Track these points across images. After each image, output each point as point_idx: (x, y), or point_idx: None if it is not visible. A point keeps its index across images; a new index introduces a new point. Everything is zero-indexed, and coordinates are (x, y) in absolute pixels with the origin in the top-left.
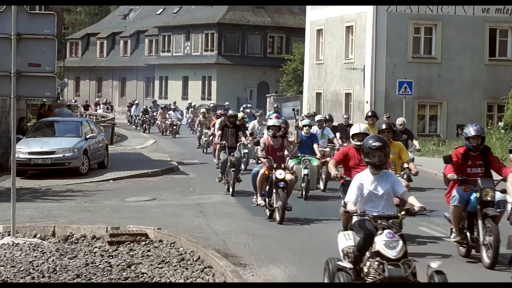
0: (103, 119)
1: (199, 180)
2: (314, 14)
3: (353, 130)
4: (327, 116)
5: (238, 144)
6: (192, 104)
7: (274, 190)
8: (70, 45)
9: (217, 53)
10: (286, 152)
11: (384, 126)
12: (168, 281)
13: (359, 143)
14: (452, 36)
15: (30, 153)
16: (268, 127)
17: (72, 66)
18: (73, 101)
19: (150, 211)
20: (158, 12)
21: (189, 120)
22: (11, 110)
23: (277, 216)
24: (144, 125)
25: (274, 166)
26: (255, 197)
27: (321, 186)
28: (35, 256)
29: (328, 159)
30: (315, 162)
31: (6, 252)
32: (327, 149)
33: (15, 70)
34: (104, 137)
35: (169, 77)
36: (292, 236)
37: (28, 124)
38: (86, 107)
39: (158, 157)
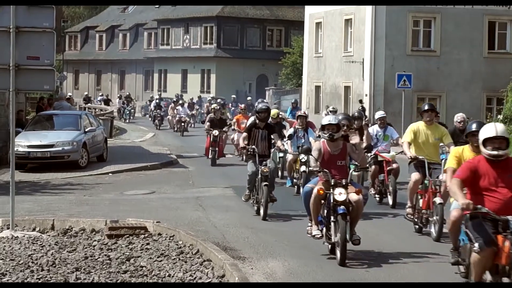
0: (101, 112)
1: (198, 174)
2: (313, 7)
3: (485, 134)
4: (382, 113)
5: (271, 150)
6: (208, 99)
7: (332, 217)
8: (69, 38)
9: (216, 46)
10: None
11: (426, 107)
12: (167, 274)
13: (494, 152)
14: (451, 29)
15: (29, 146)
16: (323, 127)
17: (71, 59)
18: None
19: (149, 205)
20: (157, 5)
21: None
22: (10, 104)
23: (338, 253)
24: (156, 120)
25: (332, 183)
26: (309, 224)
27: (389, 201)
28: (34, 249)
29: (394, 165)
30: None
31: (5, 246)
32: (392, 153)
33: (14, 63)
34: (103, 130)
35: (168, 70)
36: (291, 229)
37: (27, 117)
38: (107, 101)
39: (157, 150)
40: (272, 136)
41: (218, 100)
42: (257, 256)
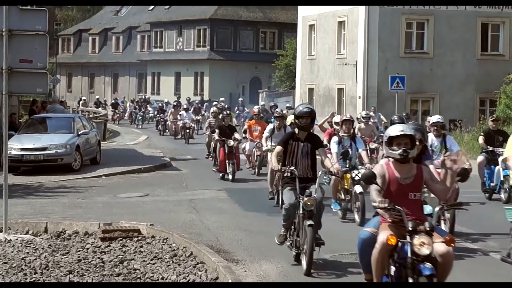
0: (95, 115)
1: (192, 176)
2: (306, 10)
3: None
4: (438, 118)
5: (318, 173)
6: (214, 103)
7: (410, 279)
8: (62, 41)
9: (209, 48)
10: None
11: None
12: (160, 277)
13: None
14: (444, 31)
15: (22, 149)
16: (390, 141)
17: (64, 62)
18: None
19: (142, 207)
20: (150, 8)
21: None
22: (3, 107)
23: None
24: (159, 125)
25: (410, 227)
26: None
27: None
28: (28, 253)
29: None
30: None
31: None
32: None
33: (7, 66)
34: (96, 133)
35: (161, 73)
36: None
37: (20, 120)
38: (115, 105)
39: (150, 153)
40: (317, 152)
41: (223, 104)
42: (250, 259)
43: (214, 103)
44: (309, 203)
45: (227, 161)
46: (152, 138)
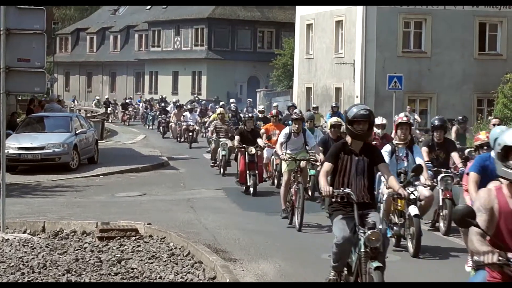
0: (93, 114)
1: (190, 175)
2: (303, 9)
3: None
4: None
5: (378, 194)
6: (220, 103)
7: None
8: (59, 40)
9: (207, 48)
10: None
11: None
12: (158, 276)
13: None
14: (442, 30)
15: (20, 148)
16: (507, 151)
17: (62, 61)
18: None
19: (140, 207)
20: (148, 7)
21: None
22: (0, 106)
23: None
24: (161, 127)
25: None
26: None
27: None
28: (25, 252)
29: None
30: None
31: None
32: None
33: (5, 65)
34: (94, 132)
35: (159, 72)
36: (281, 231)
37: (18, 119)
38: (125, 105)
39: (148, 152)
40: (380, 170)
41: (232, 105)
42: (248, 258)
43: (221, 103)
44: (373, 238)
45: (247, 172)
46: (151, 138)
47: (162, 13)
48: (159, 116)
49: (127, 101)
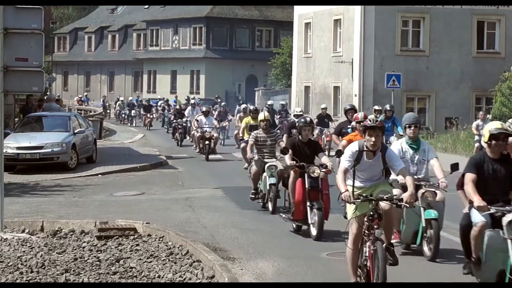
0: (91, 113)
1: (188, 174)
2: (302, 8)
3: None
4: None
5: None
6: (242, 105)
7: None
8: (58, 39)
9: (205, 47)
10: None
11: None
12: (156, 275)
13: None
14: (440, 29)
15: (18, 148)
16: None
17: (60, 60)
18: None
19: (138, 206)
20: (146, 6)
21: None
22: None
23: None
24: (177, 133)
25: None
26: None
27: None
28: (24, 251)
29: None
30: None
31: None
32: None
33: (2, 65)
34: (92, 132)
35: (157, 71)
36: (280, 229)
37: (16, 119)
38: (148, 108)
39: (146, 151)
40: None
41: (269, 103)
42: (246, 257)
43: (243, 106)
44: None
45: (308, 203)
46: (148, 136)
47: (160, 12)
48: (174, 120)
49: (151, 103)
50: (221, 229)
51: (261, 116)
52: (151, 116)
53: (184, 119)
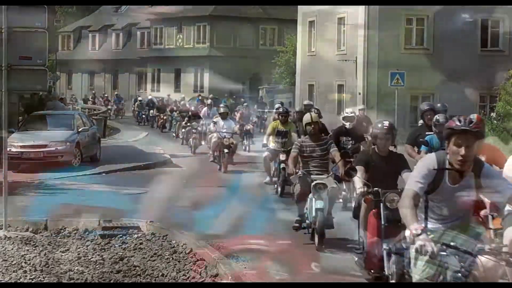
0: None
1: (192, 173)
2: (306, 6)
3: None
4: None
5: None
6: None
7: None
8: (62, 38)
9: (209, 45)
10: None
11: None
12: (160, 274)
13: None
14: (444, 27)
15: (22, 146)
16: None
17: (64, 59)
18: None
19: (142, 204)
20: (150, 6)
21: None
22: (2, 104)
23: None
24: (191, 139)
25: None
26: None
27: None
28: (27, 250)
29: None
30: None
31: None
32: None
33: (6, 63)
34: (96, 130)
35: (161, 70)
36: (285, 228)
37: (19, 118)
38: (161, 108)
39: (150, 150)
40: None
41: (306, 102)
42: (251, 255)
43: (277, 105)
44: None
45: (384, 245)
46: (152, 135)
47: (164, 11)
48: (188, 123)
49: (163, 101)
50: (226, 228)
51: (307, 118)
52: (165, 117)
53: (200, 122)
